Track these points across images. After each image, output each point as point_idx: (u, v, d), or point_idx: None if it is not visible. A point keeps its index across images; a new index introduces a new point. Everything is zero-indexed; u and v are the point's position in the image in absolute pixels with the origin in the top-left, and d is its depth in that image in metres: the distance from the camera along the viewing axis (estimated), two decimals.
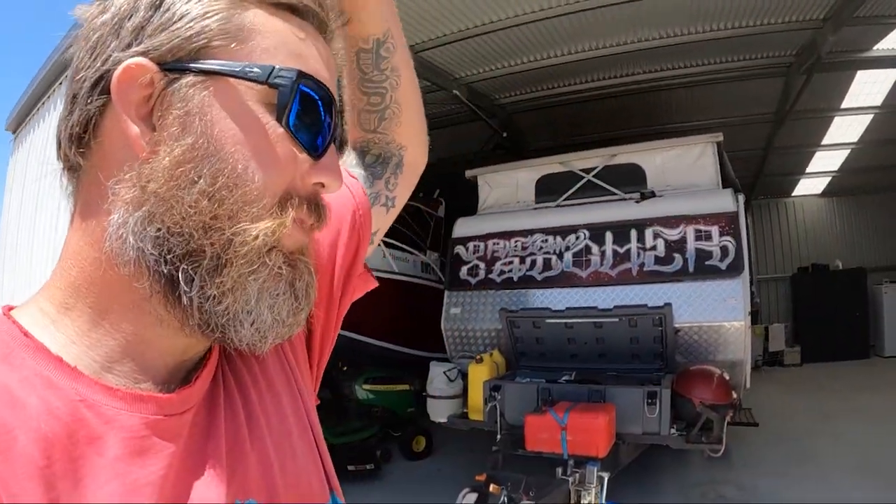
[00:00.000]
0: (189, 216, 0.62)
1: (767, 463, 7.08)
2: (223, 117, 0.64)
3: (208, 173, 0.62)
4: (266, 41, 0.67)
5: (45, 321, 0.64)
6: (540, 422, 5.37)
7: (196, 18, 0.64)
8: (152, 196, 0.62)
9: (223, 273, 0.63)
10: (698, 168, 7.31)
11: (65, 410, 0.57)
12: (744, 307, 6.26)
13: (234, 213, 0.63)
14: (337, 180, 0.71)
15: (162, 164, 0.62)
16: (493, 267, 7.63)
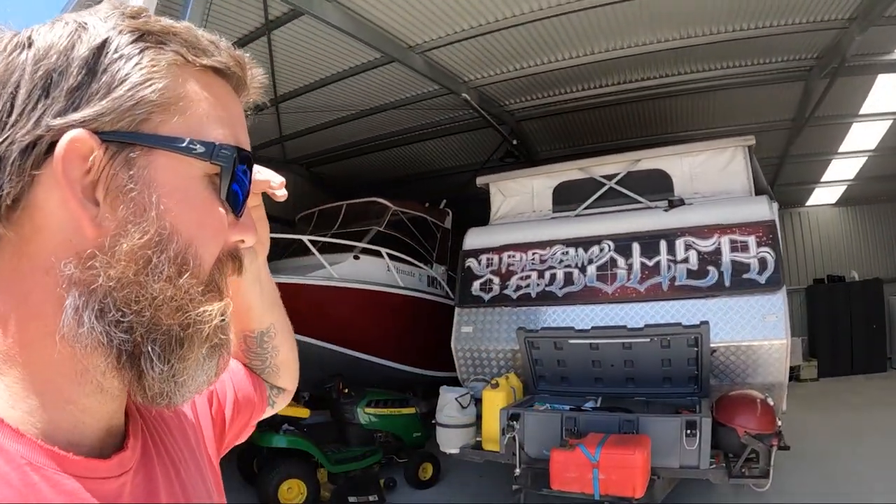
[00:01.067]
0: (154, 300, 0.65)
1: (801, 487, 6.67)
2: (173, 196, 0.67)
3: (170, 259, 0.66)
4: (200, 110, 0.70)
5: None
6: (568, 458, 4.95)
7: (137, 86, 0.65)
8: (115, 281, 0.63)
9: (185, 350, 0.68)
10: (729, 174, 7.05)
11: (15, 476, 0.58)
12: (784, 324, 5.92)
13: (194, 296, 0.68)
14: (254, 236, 0.78)
15: (122, 249, 0.64)
16: (508, 281, 7.33)
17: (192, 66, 0.70)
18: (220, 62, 0.72)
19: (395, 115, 10.27)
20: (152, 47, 0.67)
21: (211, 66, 0.72)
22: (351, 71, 8.52)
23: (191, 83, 0.69)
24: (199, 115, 0.69)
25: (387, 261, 8.90)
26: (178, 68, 0.68)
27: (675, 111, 10.44)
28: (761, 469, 5.33)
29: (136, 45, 0.66)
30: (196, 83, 0.70)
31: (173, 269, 0.65)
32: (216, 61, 0.72)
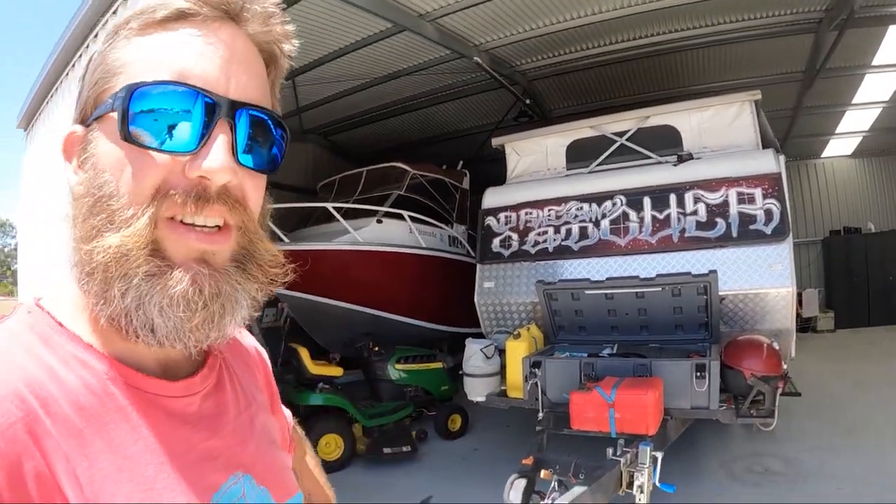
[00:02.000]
0: (86, 241, 0.73)
1: (811, 434, 6.88)
2: (104, 150, 0.74)
3: (94, 201, 0.73)
4: (133, 68, 0.74)
5: (69, 315, 0.77)
6: (586, 399, 5.12)
7: (92, 76, 0.78)
8: (76, 231, 0.75)
9: (96, 281, 0.72)
10: (736, 128, 7.09)
11: (98, 387, 0.72)
12: (790, 273, 6.04)
13: (101, 230, 0.72)
14: (216, 170, 0.73)
15: (80, 203, 0.75)
16: (526, 238, 7.45)
17: (141, 32, 0.76)
18: (176, 9, 0.75)
19: (408, 81, 10.36)
20: (113, 39, 0.77)
21: (159, 19, 0.75)
22: (364, 41, 8.65)
23: (133, 47, 0.75)
24: (134, 73, 0.74)
25: (409, 223, 9.06)
26: (126, 41, 0.76)
27: (686, 66, 10.43)
28: (767, 409, 5.46)
29: (105, 45, 0.78)
30: (140, 44, 0.75)
31: (99, 220, 0.72)
32: (168, 12, 0.75)
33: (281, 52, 0.85)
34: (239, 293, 0.78)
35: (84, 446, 0.67)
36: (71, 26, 7.18)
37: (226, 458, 0.82)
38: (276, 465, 0.93)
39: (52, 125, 8.62)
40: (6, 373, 0.67)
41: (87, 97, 0.78)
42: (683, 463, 6.16)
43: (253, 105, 0.77)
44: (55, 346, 0.73)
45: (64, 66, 8.04)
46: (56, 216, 7.62)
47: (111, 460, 0.68)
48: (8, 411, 0.63)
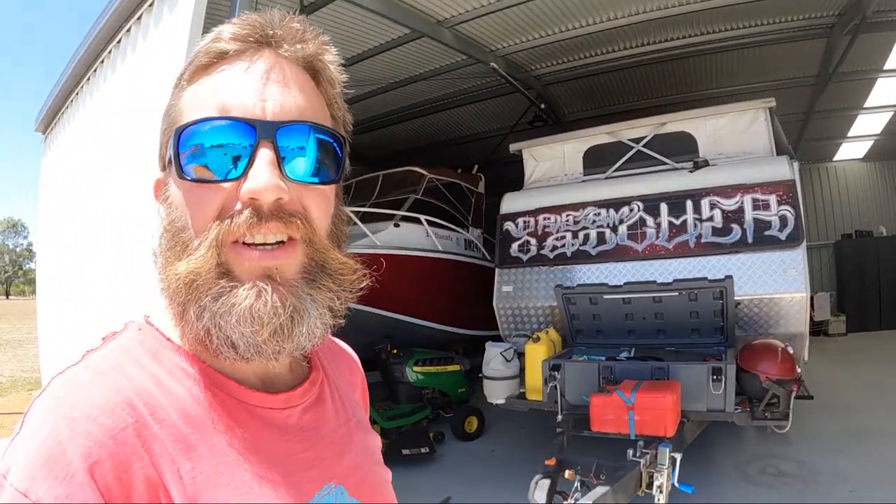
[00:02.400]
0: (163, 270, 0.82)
1: (824, 437, 6.95)
2: (173, 189, 0.83)
3: (171, 235, 0.82)
4: (188, 112, 0.81)
5: (175, 333, 0.85)
6: (606, 402, 5.21)
7: (162, 127, 0.87)
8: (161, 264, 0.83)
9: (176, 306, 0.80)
10: (751, 135, 7.12)
11: (202, 397, 0.79)
12: (804, 278, 6.09)
13: (174, 261, 0.80)
14: (261, 190, 0.76)
15: (161, 239, 0.84)
16: (544, 242, 7.51)
17: (191, 81, 0.83)
18: (216, 51, 0.82)
19: (424, 85, 10.44)
20: (174, 94, 0.86)
21: (204, 65, 0.82)
22: (382, 47, 8.73)
23: (186, 94, 0.83)
24: (181, 119, 0.82)
25: (426, 226, 9.10)
26: (181, 92, 0.84)
27: (699, 70, 10.48)
28: (782, 412, 5.55)
29: (170, 98, 0.87)
30: (191, 91, 0.83)
31: (175, 251, 0.80)
32: (208, 57, 0.82)
33: (324, 64, 0.88)
34: (308, 304, 0.80)
35: (188, 451, 0.74)
36: (93, 32, 7.23)
37: (320, 470, 0.88)
38: (372, 480, 0.99)
39: (73, 130, 8.67)
40: (119, 384, 0.75)
41: (161, 145, 0.87)
42: (698, 465, 6.21)
43: (292, 120, 0.80)
44: (163, 360, 0.81)
45: (85, 70, 8.10)
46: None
47: (211, 465, 0.75)
48: (120, 418, 0.71)
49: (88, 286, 6.98)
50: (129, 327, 0.86)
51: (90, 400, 0.72)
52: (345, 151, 0.88)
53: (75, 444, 0.68)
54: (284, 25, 0.84)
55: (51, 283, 9.39)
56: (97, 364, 0.79)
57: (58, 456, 0.67)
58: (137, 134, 5.83)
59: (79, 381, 0.75)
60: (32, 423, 0.72)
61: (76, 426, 0.69)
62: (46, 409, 0.72)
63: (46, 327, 9.79)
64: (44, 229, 10.10)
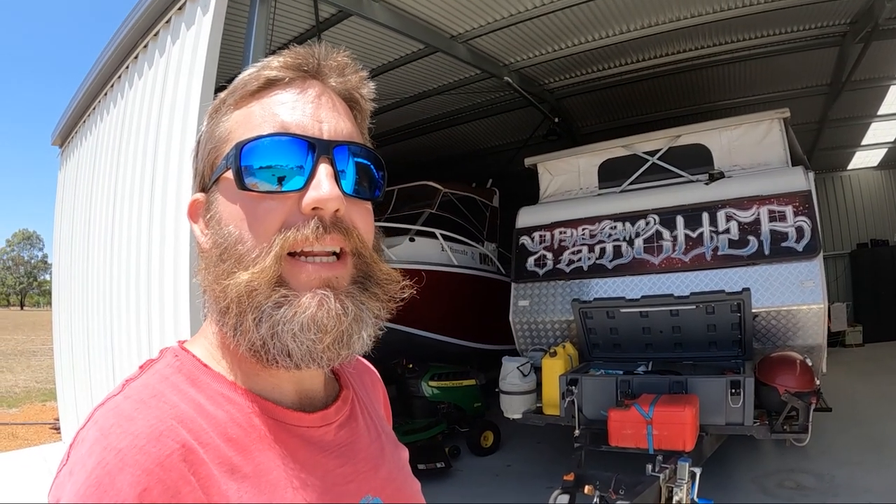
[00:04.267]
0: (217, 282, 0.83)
1: (843, 450, 6.87)
2: (225, 206, 0.86)
3: (222, 250, 0.84)
4: (238, 132, 0.86)
5: (212, 357, 0.88)
6: (624, 416, 5.22)
7: (203, 150, 0.91)
8: (207, 277, 0.86)
9: (232, 315, 0.82)
10: (766, 146, 7.11)
11: (243, 420, 0.82)
12: (822, 289, 6.07)
13: (231, 272, 0.82)
14: (326, 198, 0.81)
15: (209, 255, 0.86)
16: (560, 256, 7.51)
17: (238, 105, 0.89)
18: (265, 79, 0.87)
19: (438, 99, 10.46)
20: (215, 116, 0.90)
21: (253, 91, 0.88)
22: (397, 62, 8.77)
23: (234, 116, 0.88)
24: (236, 136, 0.86)
25: (441, 241, 9.10)
26: (226, 115, 0.89)
27: (713, 81, 10.45)
28: (801, 425, 5.52)
29: (208, 123, 0.91)
30: (239, 113, 0.88)
31: (223, 258, 0.83)
32: (258, 83, 0.87)
33: (361, 97, 0.96)
34: (364, 312, 0.85)
35: (233, 473, 0.76)
36: (110, 47, 7.31)
37: (358, 484, 0.91)
38: (407, 491, 1.02)
39: (89, 144, 8.74)
40: (161, 411, 0.77)
41: (202, 168, 0.91)
42: (717, 479, 6.18)
43: (347, 141, 0.87)
44: (202, 385, 0.83)
45: (102, 86, 8.18)
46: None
47: (255, 484, 0.77)
48: (166, 445, 0.73)
49: (102, 298, 7.04)
50: (166, 354, 0.88)
51: (135, 429, 0.73)
52: (383, 174, 0.94)
53: (124, 474, 0.69)
54: (331, 59, 0.91)
55: (65, 295, 9.46)
56: (138, 393, 0.80)
57: (107, 486, 0.68)
58: (151, 149, 5.89)
59: (122, 412, 0.76)
60: (80, 454, 0.73)
61: (124, 456, 0.70)
62: (93, 440, 0.73)
63: (61, 339, 9.86)
64: (59, 242, 10.16)
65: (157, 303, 5.33)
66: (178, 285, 4.95)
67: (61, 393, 9.97)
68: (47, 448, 9.43)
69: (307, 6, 6.98)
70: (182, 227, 4.97)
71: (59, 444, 9.58)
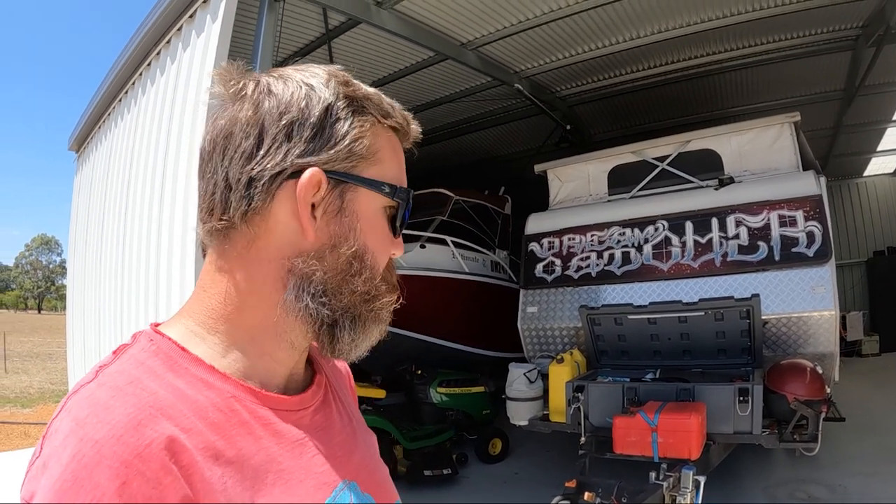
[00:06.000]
0: (353, 292, 0.90)
1: (856, 460, 6.74)
2: (368, 221, 0.91)
3: (363, 263, 0.91)
4: (386, 159, 0.93)
5: (194, 338, 0.87)
6: (629, 423, 5.18)
7: (352, 142, 0.89)
8: (328, 275, 0.88)
9: (367, 326, 0.93)
10: (777, 150, 7.06)
11: (223, 404, 0.82)
12: (833, 296, 5.99)
13: (380, 290, 0.93)
14: (402, 250, 1.01)
15: (335, 254, 0.89)
16: (569, 263, 7.50)
17: (381, 126, 0.93)
18: (398, 122, 0.95)
19: (450, 107, 10.48)
20: (358, 111, 0.90)
21: (392, 126, 0.95)
22: (406, 70, 8.81)
23: (381, 138, 0.93)
24: (386, 163, 0.93)
25: (451, 248, 9.10)
26: (374, 127, 0.91)
27: (724, 87, 10.41)
28: (810, 434, 5.44)
29: (348, 109, 0.89)
30: (384, 138, 0.93)
31: (367, 273, 0.90)
32: (395, 122, 0.95)
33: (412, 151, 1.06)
34: None
35: (216, 458, 0.76)
36: (125, 53, 7.36)
37: (335, 467, 0.93)
38: (378, 475, 1.05)
39: (104, 149, 8.80)
40: (139, 398, 0.74)
41: (336, 154, 0.87)
42: (726, 488, 6.13)
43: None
44: (180, 370, 0.81)
45: (117, 91, 8.23)
46: None
47: (238, 469, 0.78)
48: (145, 434, 0.71)
49: (113, 301, 7.09)
50: (140, 338, 0.86)
51: (112, 419, 0.71)
52: None
53: (101, 467, 0.67)
54: (414, 130, 1.02)
55: (79, 299, 9.52)
56: (113, 380, 0.77)
57: (85, 479, 0.67)
58: (161, 154, 5.94)
59: (98, 400, 0.74)
60: (54, 446, 0.71)
61: (101, 448, 0.68)
62: (68, 431, 0.71)
63: (74, 341, 9.92)
64: (74, 246, 10.24)
65: (165, 307, 5.35)
66: (184, 290, 4.97)
67: None
68: None
69: (316, 14, 7.02)
70: (189, 232, 4.99)
71: None
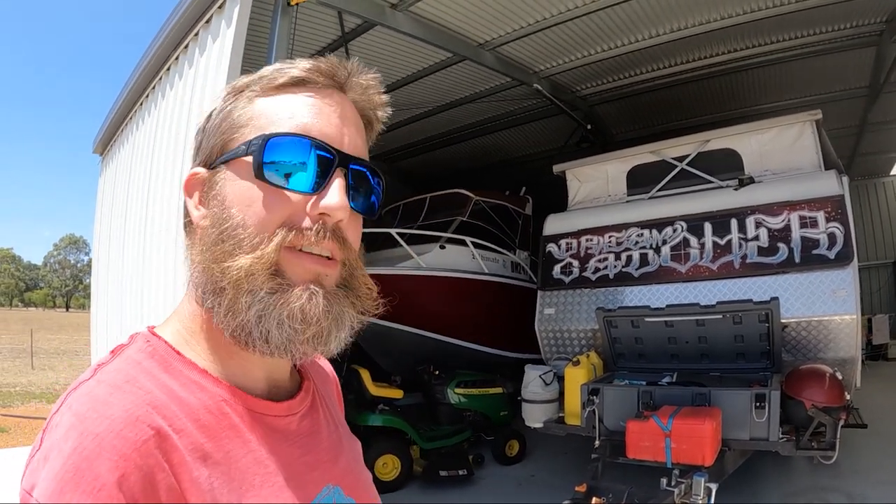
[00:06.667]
0: (216, 263, 0.84)
1: (878, 469, 6.61)
2: (232, 188, 0.87)
3: (221, 231, 0.85)
4: (261, 121, 0.88)
5: (182, 342, 0.89)
6: (642, 428, 5.13)
7: (216, 128, 0.91)
8: (204, 255, 0.86)
9: (227, 296, 0.83)
10: (798, 149, 6.97)
11: (214, 407, 0.83)
12: (855, 299, 5.89)
13: (231, 254, 0.83)
14: (335, 208, 0.85)
15: (206, 233, 0.87)
16: (587, 264, 7.47)
17: (263, 94, 0.90)
18: (293, 77, 0.89)
19: (469, 108, 10.48)
20: (235, 98, 0.91)
21: (279, 84, 0.90)
22: (424, 71, 8.81)
23: (259, 104, 0.89)
24: (259, 126, 0.87)
25: (471, 249, 9.05)
26: (249, 101, 0.90)
27: (747, 85, 10.31)
28: (828, 441, 5.33)
29: (225, 102, 0.92)
30: (265, 103, 0.89)
31: (223, 239, 0.84)
32: (287, 79, 0.89)
33: (376, 119, 1.00)
34: (345, 315, 0.89)
35: (205, 459, 0.78)
36: (146, 58, 7.46)
37: (320, 472, 0.94)
38: (362, 480, 1.06)
39: (127, 151, 8.91)
40: (136, 396, 0.78)
41: (212, 145, 0.91)
42: (743, 496, 6.06)
43: (361, 159, 0.91)
44: (174, 372, 0.84)
45: (139, 95, 8.34)
46: None
47: (225, 471, 0.80)
48: (142, 430, 0.74)
49: (134, 300, 7.18)
50: (137, 339, 0.89)
51: (112, 413, 0.74)
52: (382, 193, 0.99)
53: (102, 459, 0.70)
54: (361, 76, 0.95)
55: (103, 297, 9.64)
56: (112, 378, 0.81)
57: (85, 471, 0.69)
58: (180, 157, 6.01)
59: (97, 396, 0.77)
60: (54, 439, 0.74)
61: (101, 441, 0.71)
62: (68, 425, 0.74)
63: (97, 339, 10.04)
64: (98, 246, 10.38)
65: None
66: None
67: None
68: None
69: (331, 17, 7.05)
70: None
71: None
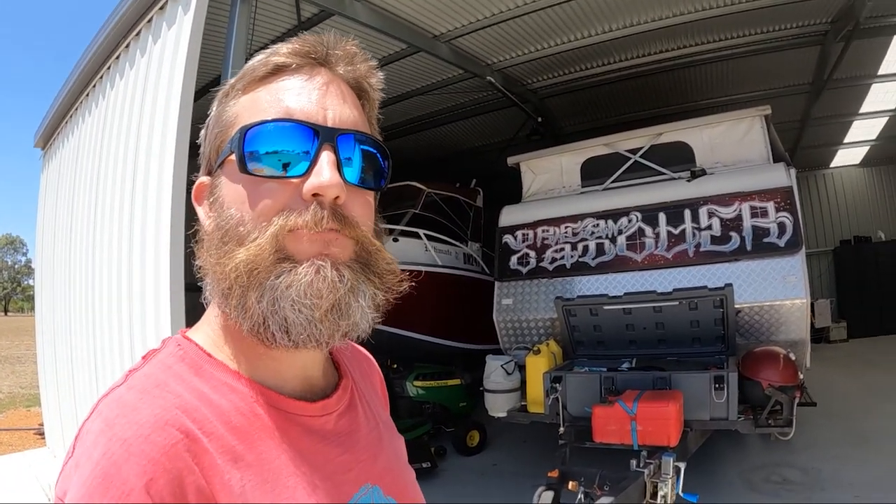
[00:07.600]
0: (220, 265, 0.83)
1: (828, 444, 6.92)
2: (228, 189, 0.86)
3: (224, 232, 0.84)
4: (244, 117, 0.87)
5: (213, 346, 0.88)
6: (608, 412, 5.23)
7: (210, 134, 0.92)
8: (210, 260, 0.85)
9: (234, 295, 0.81)
10: (748, 143, 7.15)
11: (246, 409, 0.82)
12: (804, 284, 6.09)
13: (231, 252, 0.82)
14: (326, 185, 0.81)
15: (211, 237, 0.86)
16: (543, 255, 7.53)
17: (247, 90, 0.89)
18: (274, 65, 0.88)
19: (422, 100, 10.45)
20: (223, 101, 0.91)
21: (261, 76, 0.88)
22: (379, 62, 8.77)
23: (241, 101, 0.89)
24: (242, 121, 0.86)
25: (424, 241, 9.05)
26: (235, 100, 0.89)
27: (695, 81, 10.52)
28: (785, 419, 5.54)
29: (216, 106, 0.92)
30: (246, 98, 0.88)
31: (224, 238, 0.83)
32: (266, 69, 0.88)
33: (370, 86, 0.96)
34: (361, 284, 0.85)
35: (236, 461, 0.77)
36: (92, 47, 7.25)
37: (358, 472, 0.92)
38: (403, 479, 1.03)
39: (72, 145, 8.66)
40: (165, 401, 0.77)
41: (208, 151, 0.91)
42: (703, 474, 6.21)
43: (350, 129, 0.87)
44: (206, 375, 0.83)
45: (84, 86, 8.11)
46: None
47: (258, 472, 0.78)
48: (171, 434, 0.73)
49: (84, 301, 6.99)
50: (168, 344, 0.89)
51: (140, 419, 0.74)
52: (388, 164, 0.95)
53: (130, 464, 0.70)
54: (339, 47, 0.92)
55: (48, 299, 9.38)
56: (141, 383, 0.80)
57: (114, 476, 0.69)
58: (132, 148, 5.85)
59: (127, 402, 0.77)
60: (85, 446, 0.74)
61: (130, 446, 0.71)
62: (98, 431, 0.74)
63: (44, 343, 9.77)
64: (42, 245, 10.07)
65: (139, 304, 5.27)
66: (158, 286, 4.89)
67: (45, 398, 9.88)
68: (31, 454, 9.37)
69: (289, 6, 6.95)
70: (163, 228, 4.92)
71: (43, 450, 9.51)
